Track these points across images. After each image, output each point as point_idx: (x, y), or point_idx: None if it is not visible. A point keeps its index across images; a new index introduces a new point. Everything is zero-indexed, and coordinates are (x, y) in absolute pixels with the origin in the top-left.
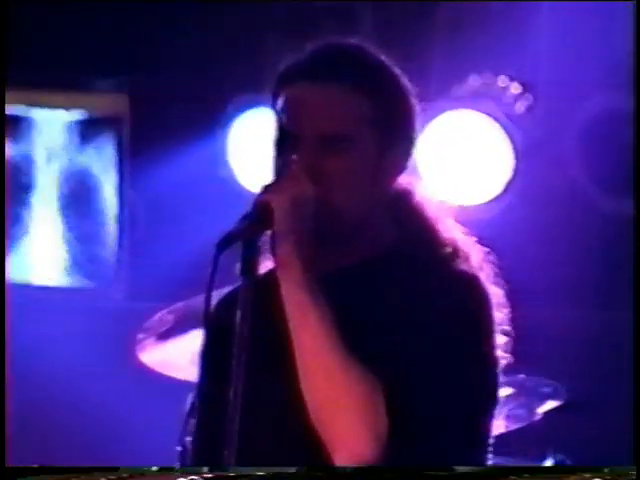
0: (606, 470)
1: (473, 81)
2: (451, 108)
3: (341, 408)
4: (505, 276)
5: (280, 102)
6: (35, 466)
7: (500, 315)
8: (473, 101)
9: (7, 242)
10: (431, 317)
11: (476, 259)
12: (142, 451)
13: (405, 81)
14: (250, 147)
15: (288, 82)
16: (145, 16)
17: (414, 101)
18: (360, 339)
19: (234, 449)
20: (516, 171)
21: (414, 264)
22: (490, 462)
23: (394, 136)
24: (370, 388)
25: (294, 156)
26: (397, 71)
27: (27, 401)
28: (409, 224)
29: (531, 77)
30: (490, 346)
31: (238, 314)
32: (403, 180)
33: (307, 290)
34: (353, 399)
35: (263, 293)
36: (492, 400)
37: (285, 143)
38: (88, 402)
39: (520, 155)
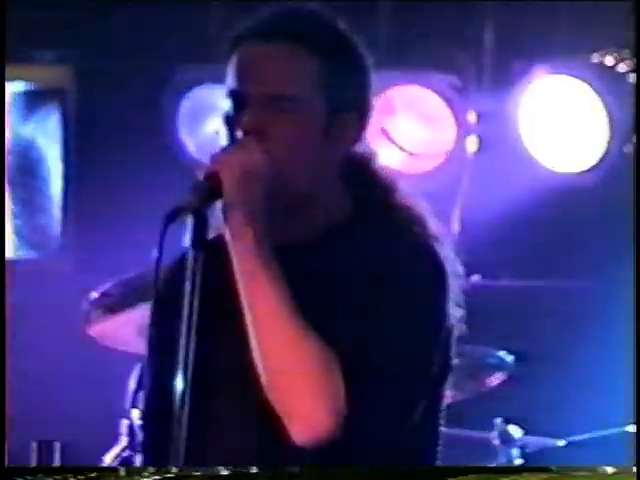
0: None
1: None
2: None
3: (296, 377)
4: (462, 247)
5: (232, 63)
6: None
7: (455, 285)
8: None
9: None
10: (386, 287)
11: (432, 228)
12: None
13: (361, 50)
14: (199, 119)
15: (240, 43)
16: None
17: (369, 71)
18: (316, 310)
19: (184, 426)
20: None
21: (369, 234)
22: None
23: (345, 103)
24: (326, 358)
25: (244, 117)
26: (354, 39)
27: None
28: (364, 194)
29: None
30: (444, 315)
31: (187, 286)
32: (358, 149)
33: (260, 258)
34: (308, 368)
35: (214, 263)
36: (446, 369)
37: (234, 104)
38: (33, 376)
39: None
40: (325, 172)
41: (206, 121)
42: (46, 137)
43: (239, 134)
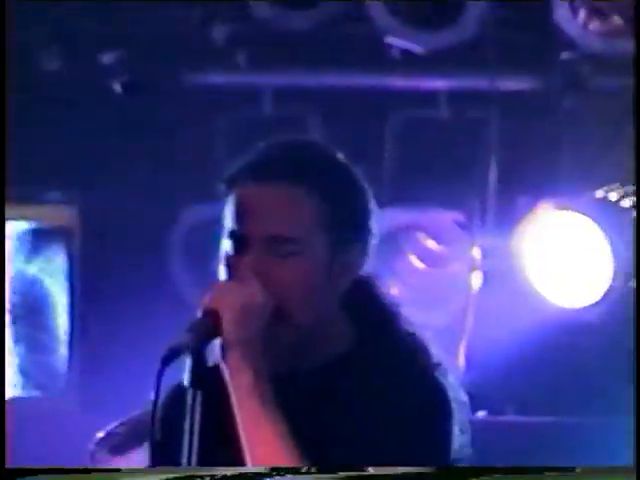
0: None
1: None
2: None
3: None
4: (467, 383)
5: (229, 204)
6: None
7: (459, 412)
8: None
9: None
10: (388, 414)
11: (435, 355)
12: None
13: (360, 181)
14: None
15: (237, 183)
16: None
17: (369, 201)
18: (317, 438)
19: None
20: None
21: (371, 362)
22: None
23: (347, 238)
24: None
25: (243, 260)
26: (350, 169)
27: None
28: (367, 321)
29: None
30: (446, 443)
31: (187, 426)
32: (361, 277)
33: (259, 401)
34: None
35: (215, 399)
36: None
37: (234, 245)
38: None
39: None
40: (327, 306)
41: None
42: (51, 276)
43: (239, 271)
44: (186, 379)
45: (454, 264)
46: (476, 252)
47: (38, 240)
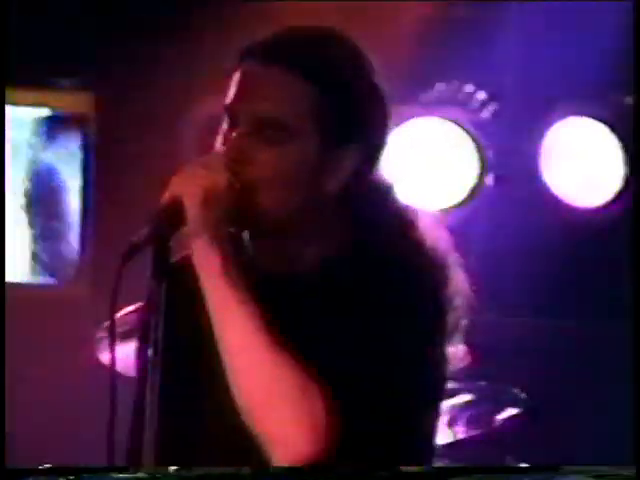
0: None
1: (439, 88)
2: (419, 115)
3: (275, 405)
4: (470, 281)
5: (230, 80)
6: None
7: (459, 319)
8: (440, 108)
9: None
10: (379, 316)
11: (438, 256)
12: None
13: (373, 81)
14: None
15: (243, 59)
16: (113, 15)
17: (381, 101)
18: (305, 337)
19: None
20: (482, 178)
21: (367, 265)
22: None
23: (342, 136)
24: (304, 383)
25: (232, 135)
26: (366, 68)
27: None
28: (366, 224)
29: (497, 86)
30: (438, 346)
31: (152, 319)
32: (362, 180)
33: (228, 286)
34: (287, 396)
35: (181, 292)
36: (434, 402)
37: (227, 120)
38: (45, 401)
39: (488, 162)
40: (316, 203)
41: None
42: (67, 163)
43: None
44: (149, 272)
45: (470, 162)
46: (491, 151)
47: (54, 127)
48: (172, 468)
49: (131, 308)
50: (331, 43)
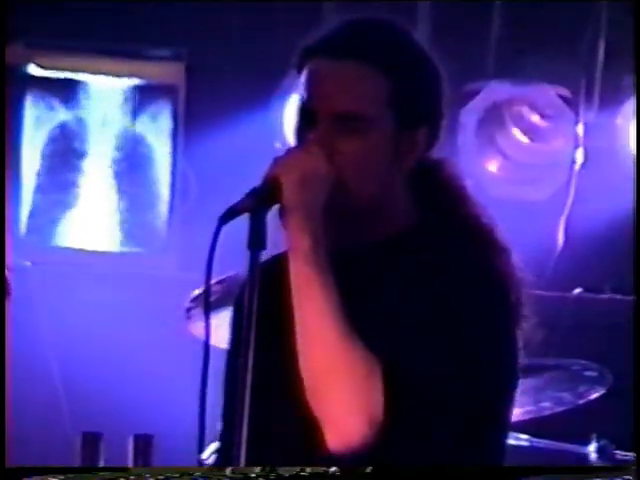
0: None
1: None
2: None
3: (336, 385)
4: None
5: (301, 77)
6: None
7: (525, 299)
8: None
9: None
10: (445, 297)
11: (499, 237)
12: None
13: (432, 63)
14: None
15: (310, 56)
16: None
17: (440, 83)
18: (368, 319)
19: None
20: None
21: (433, 243)
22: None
23: (414, 119)
24: (368, 370)
25: (310, 135)
26: (424, 51)
27: (65, 364)
28: (431, 202)
29: None
30: (508, 331)
31: (246, 289)
32: (429, 158)
33: (314, 266)
34: (349, 378)
35: (275, 269)
36: (506, 391)
37: (303, 119)
38: (131, 370)
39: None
40: (391, 183)
41: None
42: (156, 133)
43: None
44: (246, 240)
45: (557, 139)
46: (580, 129)
47: (144, 97)
48: (257, 468)
49: (220, 278)
50: (389, 31)
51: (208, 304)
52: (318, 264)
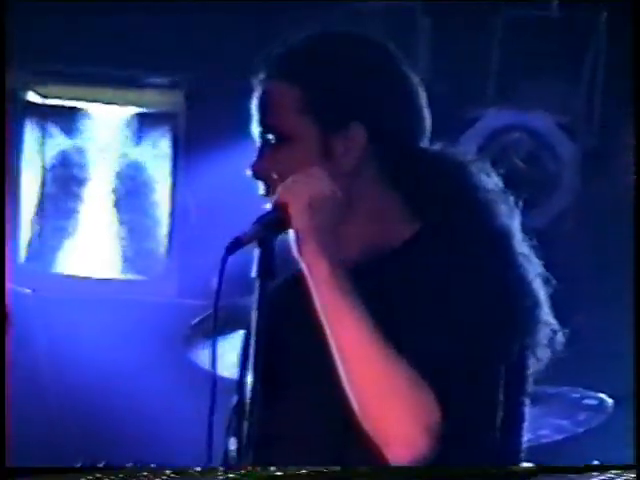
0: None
1: None
2: None
3: (390, 402)
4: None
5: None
6: (35, 466)
7: (535, 287)
8: None
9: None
10: (459, 295)
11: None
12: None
13: (363, 54)
14: None
15: (257, 73)
16: (200, 14)
17: (376, 85)
18: (393, 331)
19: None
20: None
21: (438, 253)
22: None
23: (337, 121)
24: (414, 377)
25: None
26: (395, 61)
27: (65, 393)
28: (434, 207)
29: None
30: (522, 327)
31: (254, 316)
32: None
33: (338, 290)
34: (400, 391)
35: (292, 295)
36: (523, 394)
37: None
38: (131, 397)
39: None
40: (348, 187)
41: None
42: (156, 160)
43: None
44: (254, 270)
45: (556, 167)
46: (579, 156)
47: (143, 125)
48: (272, 468)
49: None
50: (308, 46)
51: (216, 334)
52: (342, 288)
